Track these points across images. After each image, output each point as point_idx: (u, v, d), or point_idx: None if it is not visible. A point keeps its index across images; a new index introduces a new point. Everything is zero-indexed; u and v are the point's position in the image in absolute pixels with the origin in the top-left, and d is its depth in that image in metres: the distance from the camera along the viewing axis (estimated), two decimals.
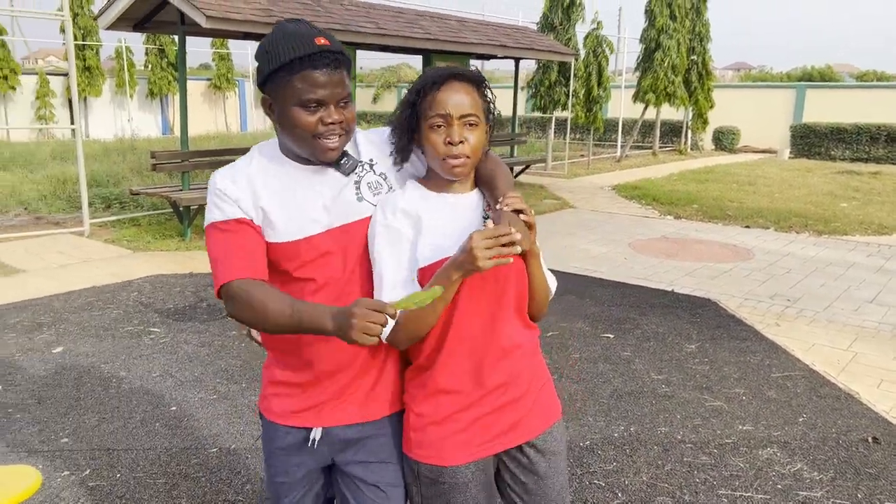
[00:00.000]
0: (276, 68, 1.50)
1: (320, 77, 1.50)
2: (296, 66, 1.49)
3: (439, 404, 1.63)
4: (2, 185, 10.86)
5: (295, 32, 1.51)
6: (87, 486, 3.02)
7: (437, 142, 1.57)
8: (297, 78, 1.49)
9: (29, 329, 4.90)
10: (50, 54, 53.77)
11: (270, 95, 1.55)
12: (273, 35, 1.53)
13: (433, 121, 1.57)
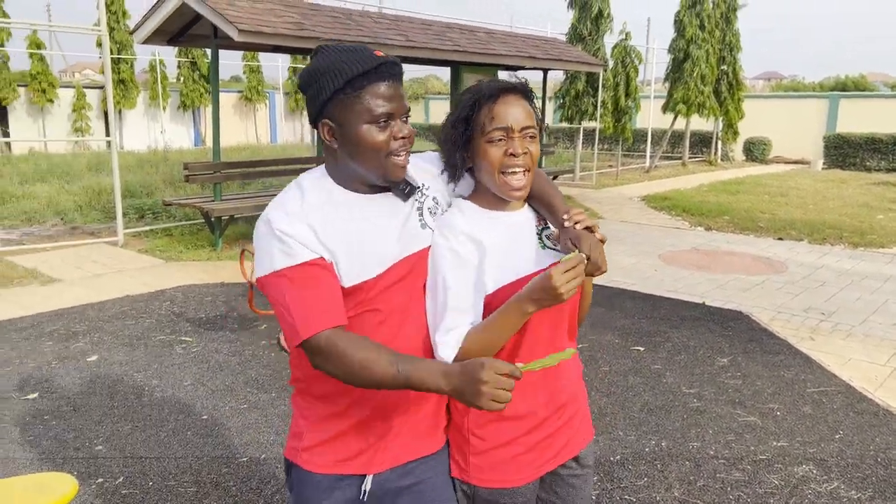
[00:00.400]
0: (340, 86, 1.41)
1: (388, 90, 1.43)
2: (363, 81, 1.41)
3: (508, 428, 1.59)
4: (40, 196, 11.11)
5: (352, 48, 1.44)
6: (121, 493, 3.06)
7: (495, 155, 1.52)
8: (366, 93, 1.41)
9: (65, 337, 4.99)
10: (86, 67, 54.97)
11: (333, 119, 1.44)
12: (326, 57, 1.44)
13: (492, 135, 1.52)
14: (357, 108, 1.41)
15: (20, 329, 5.15)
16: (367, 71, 1.40)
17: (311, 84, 1.44)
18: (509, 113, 1.52)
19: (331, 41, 7.65)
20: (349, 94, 1.41)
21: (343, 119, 1.43)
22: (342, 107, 1.42)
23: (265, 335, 5.08)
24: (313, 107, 1.46)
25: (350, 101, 1.41)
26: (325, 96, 1.42)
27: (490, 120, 1.52)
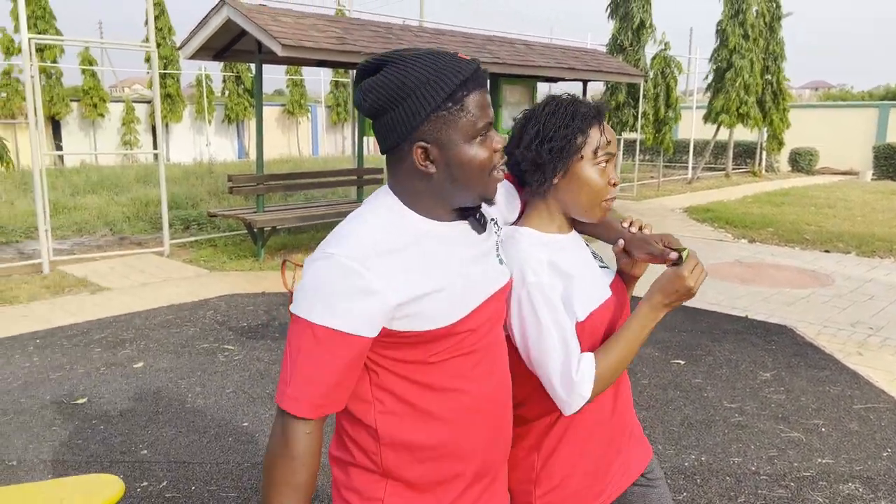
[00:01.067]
0: (440, 102, 1.20)
1: (484, 98, 1.24)
2: (463, 92, 1.21)
3: (575, 459, 1.53)
4: (90, 207, 11.46)
5: (435, 54, 1.23)
6: (164, 496, 3.14)
7: (600, 181, 1.47)
8: (469, 105, 1.22)
9: (112, 345, 5.14)
10: (136, 82, 56.61)
11: (429, 140, 1.21)
12: (411, 68, 1.20)
13: (601, 158, 1.47)
14: (460, 123, 1.21)
15: (70, 336, 5.32)
16: (467, 79, 1.21)
17: (399, 103, 1.20)
18: (614, 140, 1.49)
19: (372, 55, 7.77)
20: (450, 110, 1.21)
21: (445, 138, 1.21)
22: (442, 125, 1.21)
23: None
24: (401, 129, 1.21)
25: (452, 118, 1.21)
26: (422, 116, 1.20)
27: (605, 144, 1.47)
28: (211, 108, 23.94)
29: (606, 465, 1.57)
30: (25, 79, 7.14)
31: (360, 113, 1.36)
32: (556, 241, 1.52)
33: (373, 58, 1.25)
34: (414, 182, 1.25)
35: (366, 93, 1.23)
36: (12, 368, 4.66)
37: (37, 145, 7.32)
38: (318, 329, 1.15)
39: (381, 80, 1.21)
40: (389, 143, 1.24)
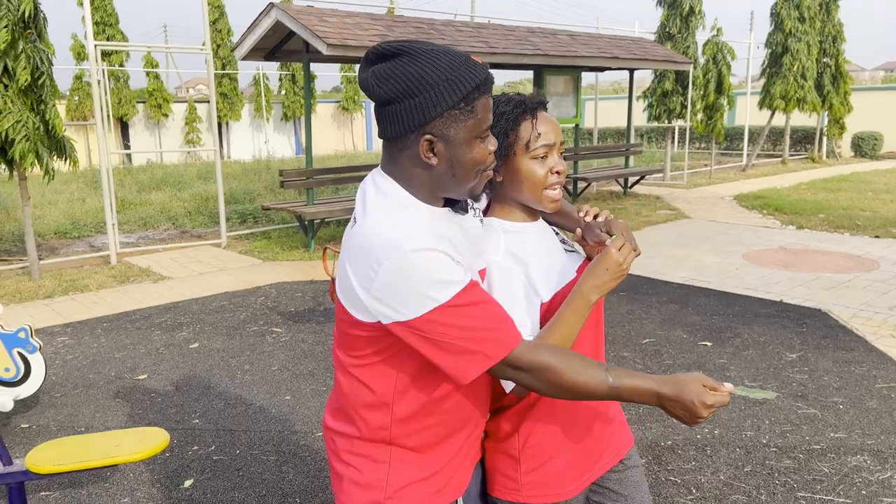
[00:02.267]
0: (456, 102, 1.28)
1: (491, 101, 1.35)
2: (476, 94, 1.30)
3: (557, 441, 1.61)
4: (154, 203, 12.10)
5: (450, 53, 1.29)
6: (212, 459, 3.48)
7: (541, 172, 1.54)
8: (479, 107, 1.31)
9: (171, 328, 5.56)
10: (199, 83, 58.54)
11: (436, 134, 1.29)
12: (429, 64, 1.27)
13: (538, 151, 1.53)
14: (468, 123, 1.29)
15: (134, 320, 5.77)
16: (480, 83, 1.29)
17: (415, 95, 1.26)
18: (551, 129, 1.54)
19: None
20: (462, 109, 1.28)
21: (452, 135, 1.29)
22: (452, 122, 1.28)
23: None
24: (413, 121, 1.28)
25: (462, 117, 1.28)
26: (436, 112, 1.27)
27: (536, 137, 1.52)
28: (269, 106, 24.68)
29: (587, 449, 1.65)
30: (92, 83, 7.67)
31: (366, 95, 1.38)
32: (520, 229, 1.60)
33: (385, 44, 1.29)
34: (414, 170, 1.33)
35: (381, 80, 1.27)
36: (82, 348, 5.12)
37: (103, 145, 7.86)
38: (457, 300, 1.24)
39: (399, 70, 1.26)
40: (396, 132, 1.30)
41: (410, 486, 1.42)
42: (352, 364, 1.39)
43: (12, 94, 6.34)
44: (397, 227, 1.25)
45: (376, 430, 1.41)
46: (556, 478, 1.60)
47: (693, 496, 3.08)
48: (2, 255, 8.53)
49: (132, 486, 3.24)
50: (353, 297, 1.31)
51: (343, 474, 1.45)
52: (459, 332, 1.25)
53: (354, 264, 1.28)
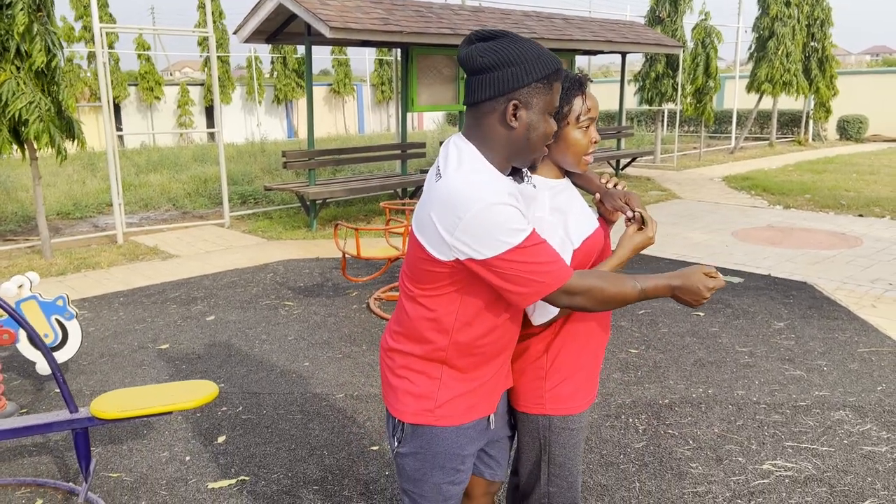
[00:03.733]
0: (544, 75, 1.55)
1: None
2: (555, 78, 1.59)
3: (576, 361, 1.89)
4: (153, 184, 12.24)
5: (538, 47, 1.59)
6: (241, 418, 3.72)
7: (583, 141, 1.80)
8: (553, 89, 1.59)
9: (186, 301, 5.77)
10: (186, 65, 58.12)
11: (522, 101, 1.56)
12: (525, 47, 1.54)
13: (584, 123, 1.79)
14: (546, 98, 1.57)
15: (148, 295, 5.97)
16: (559, 69, 1.58)
17: (510, 66, 1.52)
18: (595, 105, 1.81)
19: (414, 34, 8.17)
20: (544, 84, 1.56)
21: (534, 104, 1.56)
22: (535, 93, 1.55)
23: (356, 300, 5.71)
24: (505, 86, 1.54)
25: (543, 91, 1.56)
26: (526, 81, 1.53)
27: (586, 111, 1.78)
28: (261, 89, 24.71)
29: (595, 371, 1.95)
30: (98, 65, 7.81)
31: (463, 67, 1.59)
32: (558, 184, 1.87)
33: (485, 29, 1.58)
34: (496, 131, 1.58)
35: (483, 52, 1.54)
36: (102, 321, 5.33)
37: (109, 126, 8.00)
38: (525, 243, 1.52)
39: (499, 45, 1.53)
40: (488, 95, 1.55)
41: (455, 399, 1.71)
42: (421, 294, 1.65)
43: (24, 76, 6.49)
44: (479, 183, 1.51)
45: (434, 351, 1.68)
46: (572, 394, 1.89)
47: (690, 446, 3.36)
48: (8, 234, 8.68)
49: (169, 442, 3.47)
50: (435, 238, 1.55)
51: (398, 386, 1.73)
52: (526, 268, 1.52)
53: (440, 212, 1.53)
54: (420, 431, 1.72)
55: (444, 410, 1.71)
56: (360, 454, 3.33)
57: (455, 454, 1.74)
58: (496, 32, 1.57)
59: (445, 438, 1.72)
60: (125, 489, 3.05)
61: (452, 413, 1.72)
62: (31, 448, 3.44)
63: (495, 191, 1.50)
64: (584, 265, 1.85)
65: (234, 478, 3.14)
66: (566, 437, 1.92)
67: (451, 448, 1.73)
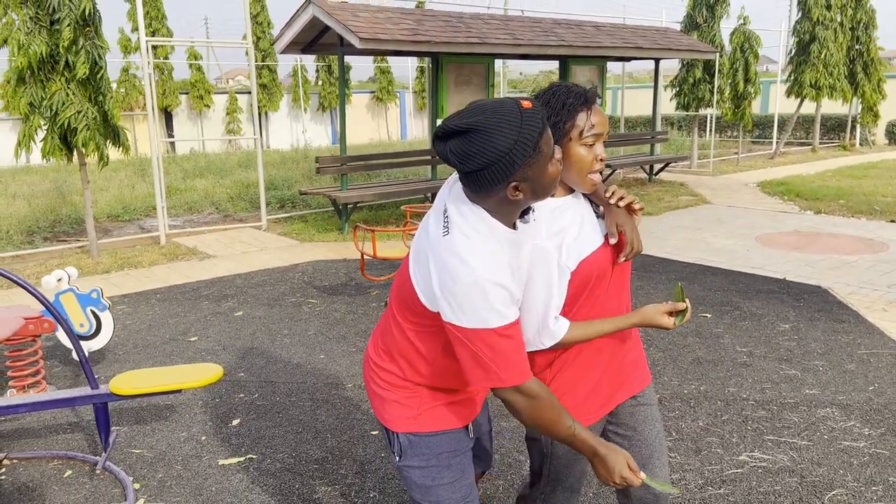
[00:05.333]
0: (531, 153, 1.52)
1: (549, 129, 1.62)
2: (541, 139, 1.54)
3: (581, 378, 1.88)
4: (198, 189, 12.78)
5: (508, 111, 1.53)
6: (256, 404, 4.02)
7: (587, 158, 1.76)
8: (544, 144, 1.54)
9: (217, 298, 6.13)
10: (238, 74, 59.65)
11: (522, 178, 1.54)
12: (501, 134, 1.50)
13: (588, 139, 1.74)
14: (542, 161, 1.53)
15: (184, 292, 6.36)
16: (542, 130, 1.51)
17: (494, 164, 1.49)
18: (601, 121, 1.75)
19: (442, 43, 8.43)
20: (535, 152, 1.51)
21: (531, 174, 1.53)
22: (529, 167, 1.52)
23: (375, 299, 5.99)
24: (498, 181, 1.52)
25: (536, 161, 1.52)
26: (515, 170, 1.50)
27: (590, 127, 1.74)
28: (306, 97, 25.34)
29: (605, 384, 1.91)
30: (143, 76, 8.29)
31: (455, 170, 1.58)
32: (561, 204, 1.82)
33: (451, 123, 1.52)
34: (503, 206, 1.58)
35: (462, 158, 1.50)
36: (139, 315, 5.72)
37: (155, 134, 8.48)
38: (500, 330, 1.53)
39: (475, 148, 1.49)
40: (485, 190, 1.54)
41: (435, 408, 1.79)
42: (408, 328, 1.71)
43: (73, 87, 6.97)
44: (483, 255, 1.52)
45: (415, 376, 1.76)
46: (576, 406, 1.88)
47: (673, 438, 3.52)
48: (61, 235, 9.24)
49: (188, 423, 3.79)
50: (428, 289, 1.61)
51: (385, 397, 1.81)
52: (492, 355, 1.54)
53: (439, 268, 1.55)
54: (415, 441, 1.77)
55: (426, 417, 1.77)
56: (360, 437, 3.59)
57: (456, 451, 1.79)
58: (462, 125, 1.51)
59: (441, 441, 1.77)
60: (145, 463, 3.37)
61: (437, 418, 1.77)
62: (65, 426, 3.79)
63: (494, 265, 1.52)
64: (582, 287, 1.83)
65: (243, 456, 3.43)
66: (569, 452, 1.94)
67: (451, 446, 1.78)
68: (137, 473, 3.28)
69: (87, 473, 3.30)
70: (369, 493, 3.08)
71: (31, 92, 6.85)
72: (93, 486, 3.18)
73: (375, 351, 1.84)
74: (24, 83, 6.90)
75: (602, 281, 1.85)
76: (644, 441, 2.00)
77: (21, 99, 6.85)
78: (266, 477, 3.23)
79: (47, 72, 6.89)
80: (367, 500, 3.03)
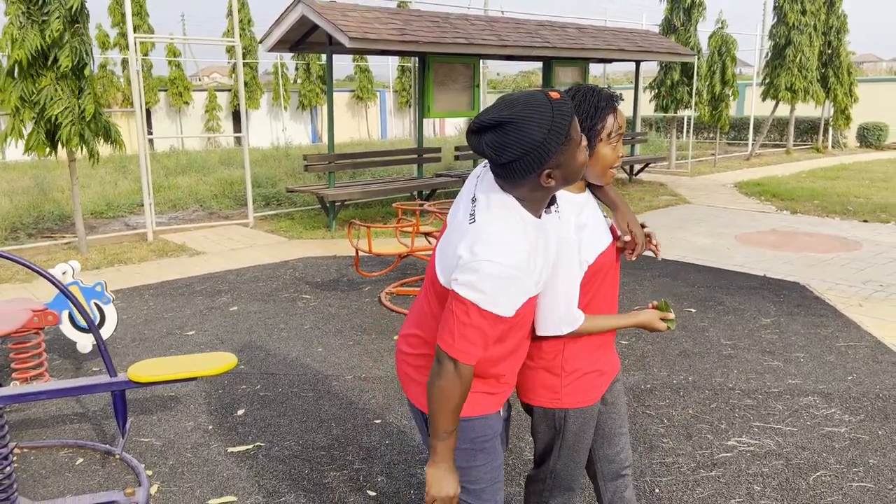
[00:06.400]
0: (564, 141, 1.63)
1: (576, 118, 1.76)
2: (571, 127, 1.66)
3: (588, 361, 2.04)
4: (182, 186, 12.76)
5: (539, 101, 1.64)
6: (260, 395, 4.10)
7: (612, 156, 1.92)
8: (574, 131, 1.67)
9: (211, 294, 6.19)
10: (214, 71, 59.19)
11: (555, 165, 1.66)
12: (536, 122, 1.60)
13: (613, 140, 1.90)
14: (571, 148, 1.65)
15: (176, 288, 6.41)
16: (570, 119, 1.63)
17: (529, 154, 1.60)
18: (624, 120, 1.93)
19: (430, 43, 8.54)
20: (566, 144, 1.63)
21: (563, 161, 1.65)
22: (561, 155, 1.64)
23: (368, 294, 6.09)
24: (533, 169, 1.63)
25: (567, 148, 1.64)
26: (549, 158, 1.61)
27: (617, 128, 1.90)
28: (287, 95, 25.29)
29: (604, 365, 2.10)
30: (131, 73, 8.30)
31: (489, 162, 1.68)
32: (580, 199, 1.97)
33: (486, 117, 1.63)
34: (535, 193, 1.69)
35: (497, 150, 1.61)
36: (134, 310, 5.76)
37: (141, 130, 8.49)
38: (485, 313, 1.63)
39: (510, 139, 1.60)
40: (520, 178, 1.64)
41: (474, 394, 1.88)
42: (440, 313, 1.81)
43: (62, 83, 6.97)
44: (503, 244, 1.63)
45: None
46: (584, 387, 2.04)
47: (664, 425, 3.67)
48: (45, 231, 9.20)
49: (195, 413, 3.87)
50: (449, 266, 1.70)
51: (423, 382, 1.90)
52: (461, 328, 1.65)
53: (464, 248, 1.65)
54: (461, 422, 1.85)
55: (468, 402, 1.86)
56: (364, 426, 3.70)
57: (489, 436, 1.88)
58: (497, 119, 1.62)
59: (477, 425, 1.86)
60: (155, 451, 3.45)
61: (474, 403, 1.86)
62: (73, 416, 3.85)
63: (512, 257, 1.62)
64: (595, 278, 1.98)
65: (251, 444, 3.52)
66: (579, 425, 2.08)
67: (486, 431, 1.87)
68: (148, 461, 3.36)
69: (99, 461, 3.37)
70: (377, 478, 3.20)
71: (21, 86, 6.85)
72: (105, 473, 3.26)
73: (406, 343, 1.94)
74: (14, 78, 6.90)
75: (607, 276, 2.01)
76: (619, 412, 2.21)
77: (11, 93, 6.84)
78: (275, 463, 3.33)
79: (38, 67, 6.89)
80: (375, 484, 3.15)
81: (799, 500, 2.98)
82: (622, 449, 2.23)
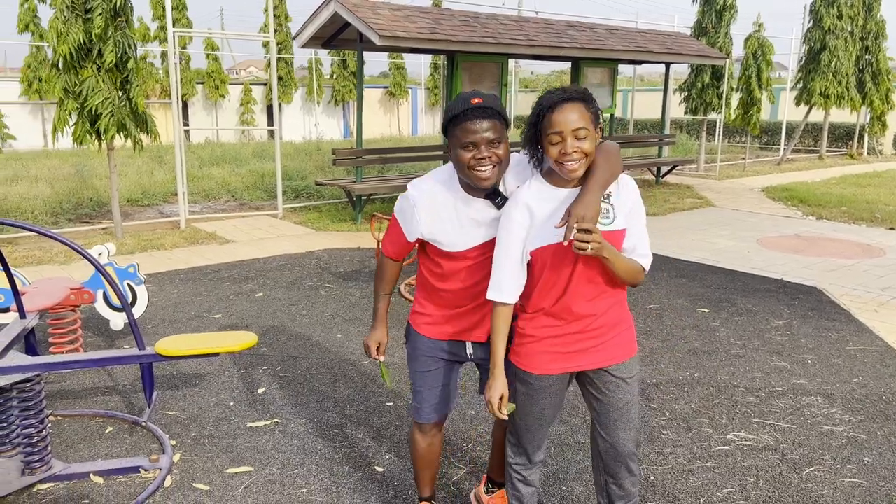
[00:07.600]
0: (447, 121, 2.16)
1: (472, 126, 2.11)
2: (457, 120, 2.13)
3: (540, 330, 2.21)
4: (215, 177, 13.09)
5: (460, 97, 2.15)
6: (279, 376, 4.31)
7: (554, 152, 2.06)
8: (458, 129, 2.13)
9: (238, 280, 6.43)
10: (251, 65, 60.07)
11: (448, 141, 2.18)
12: (452, 103, 2.18)
13: (551, 137, 2.04)
14: (455, 136, 2.15)
15: (206, 274, 6.66)
16: (458, 114, 2.12)
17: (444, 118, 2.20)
18: (564, 119, 2.02)
19: (459, 42, 8.69)
20: (453, 126, 2.15)
21: (451, 142, 2.17)
22: (451, 134, 2.17)
23: None
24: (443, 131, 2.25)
25: (454, 131, 2.15)
26: (444, 126, 2.20)
27: (549, 126, 2.05)
28: (320, 90, 25.64)
29: (565, 347, 2.20)
30: (170, 66, 8.58)
31: None
32: (548, 191, 2.14)
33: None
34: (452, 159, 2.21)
35: None
36: (165, 294, 6.02)
37: (178, 121, 8.78)
38: (393, 220, 2.38)
39: None
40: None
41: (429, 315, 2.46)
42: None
43: (103, 75, 7.27)
44: (422, 180, 2.31)
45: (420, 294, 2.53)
46: (533, 354, 2.22)
47: (666, 417, 3.79)
48: (84, 217, 9.56)
49: (217, 391, 4.08)
50: None
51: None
52: (390, 228, 2.42)
53: None
54: (410, 331, 2.52)
55: (419, 320, 2.47)
56: (376, 408, 3.88)
57: (426, 356, 2.45)
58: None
59: (421, 341, 2.46)
60: (179, 424, 3.67)
61: (424, 328, 2.46)
62: (104, 389, 4.09)
63: (420, 187, 2.29)
64: (536, 266, 2.17)
65: (269, 420, 3.72)
66: (525, 391, 2.29)
67: (422, 350, 2.45)
68: (172, 432, 3.57)
69: (127, 430, 3.59)
70: (385, 455, 3.37)
71: (65, 78, 7.16)
72: (132, 441, 3.48)
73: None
74: (59, 70, 7.21)
75: (545, 269, 2.14)
76: (611, 406, 2.28)
77: (56, 85, 7.15)
78: (291, 438, 3.52)
79: (81, 59, 7.20)
80: (383, 461, 3.32)
81: (790, 492, 3.09)
82: (618, 441, 2.30)
